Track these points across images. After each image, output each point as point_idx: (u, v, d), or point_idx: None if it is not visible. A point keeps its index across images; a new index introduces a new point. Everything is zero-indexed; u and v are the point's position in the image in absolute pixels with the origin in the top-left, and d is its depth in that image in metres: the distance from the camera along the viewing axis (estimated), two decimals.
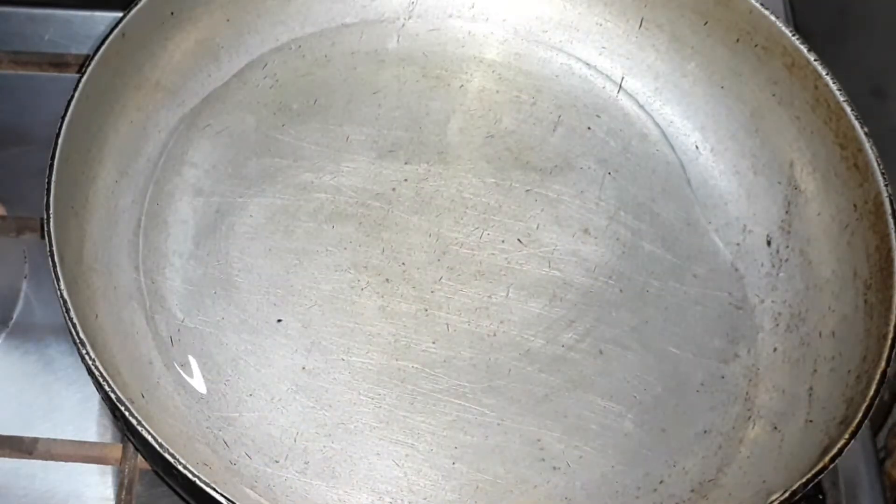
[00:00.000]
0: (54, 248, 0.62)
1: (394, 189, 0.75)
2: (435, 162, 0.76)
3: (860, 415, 0.61)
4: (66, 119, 0.65)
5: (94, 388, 0.61)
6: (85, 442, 0.68)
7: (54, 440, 0.67)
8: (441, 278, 0.72)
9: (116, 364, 0.65)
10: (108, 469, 0.70)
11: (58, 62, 0.81)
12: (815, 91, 0.72)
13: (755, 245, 0.74)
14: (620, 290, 0.72)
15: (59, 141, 0.65)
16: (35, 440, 0.67)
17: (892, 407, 0.96)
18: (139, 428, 0.57)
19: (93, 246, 0.69)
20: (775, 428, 0.67)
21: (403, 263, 0.72)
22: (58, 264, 0.61)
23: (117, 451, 0.67)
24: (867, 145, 0.69)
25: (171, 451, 0.57)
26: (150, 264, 0.70)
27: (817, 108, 0.72)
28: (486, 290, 0.72)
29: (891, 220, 0.67)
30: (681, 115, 0.79)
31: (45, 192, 0.63)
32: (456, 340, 0.70)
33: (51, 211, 0.63)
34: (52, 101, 0.71)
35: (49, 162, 0.64)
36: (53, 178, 0.64)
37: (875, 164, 0.69)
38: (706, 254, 0.74)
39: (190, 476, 0.56)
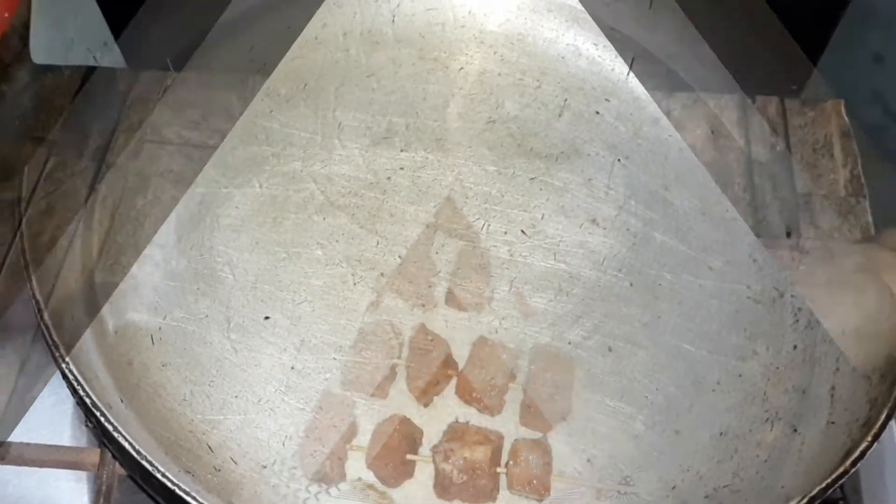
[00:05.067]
0: (26, 248, 0.61)
1: (389, 178, 0.74)
2: (433, 149, 0.75)
3: (884, 416, 0.60)
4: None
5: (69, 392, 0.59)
6: (60, 446, 0.66)
7: (27, 444, 0.65)
8: (439, 272, 0.70)
9: (94, 367, 0.64)
10: (85, 475, 0.67)
11: None
12: None
13: (774, 236, 0.73)
14: (631, 284, 0.71)
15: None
16: (7, 444, 0.65)
17: None
18: (115, 434, 0.56)
19: (69, 243, 0.67)
20: (795, 430, 0.66)
21: (399, 257, 0.71)
22: (30, 264, 0.61)
23: (94, 456, 0.65)
24: None
25: (150, 458, 0.55)
26: (130, 259, 0.69)
27: None
28: (488, 284, 0.70)
29: None
30: (694, 99, 0.78)
31: (17, 188, 0.63)
32: (455, 338, 0.68)
33: (24, 208, 0.63)
34: None
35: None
36: (25, 173, 0.63)
37: None
38: (722, 245, 0.73)
39: (169, 485, 0.55)
